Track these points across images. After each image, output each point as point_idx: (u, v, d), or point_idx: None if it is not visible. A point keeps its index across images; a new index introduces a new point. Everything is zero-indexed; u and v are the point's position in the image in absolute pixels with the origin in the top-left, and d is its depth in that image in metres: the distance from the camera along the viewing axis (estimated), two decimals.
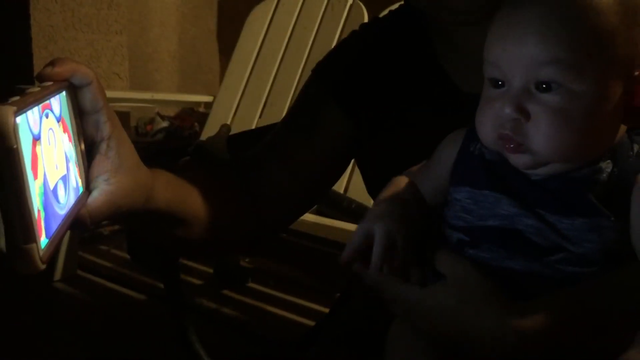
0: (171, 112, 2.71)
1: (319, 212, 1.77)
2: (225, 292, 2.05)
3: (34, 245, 0.43)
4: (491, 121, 0.59)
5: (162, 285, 2.08)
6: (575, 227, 0.57)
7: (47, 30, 2.21)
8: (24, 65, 2.20)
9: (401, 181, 0.70)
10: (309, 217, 1.70)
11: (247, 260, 2.16)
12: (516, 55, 0.57)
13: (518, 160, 0.59)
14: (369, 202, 1.83)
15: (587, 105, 0.56)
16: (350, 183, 1.86)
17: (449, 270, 0.61)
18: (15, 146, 0.41)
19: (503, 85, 0.59)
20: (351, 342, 0.82)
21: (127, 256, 2.32)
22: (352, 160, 0.90)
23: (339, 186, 1.84)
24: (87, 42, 2.31)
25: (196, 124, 2.61)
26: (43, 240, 0.45)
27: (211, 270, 2.10)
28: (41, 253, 0.44)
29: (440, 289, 0.61)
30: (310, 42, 2.17)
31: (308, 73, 0.88)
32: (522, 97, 0.57)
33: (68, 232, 1.70)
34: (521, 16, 0.57)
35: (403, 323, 0.65)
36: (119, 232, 2.46)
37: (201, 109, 2.58)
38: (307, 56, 2.16)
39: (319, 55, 0.88)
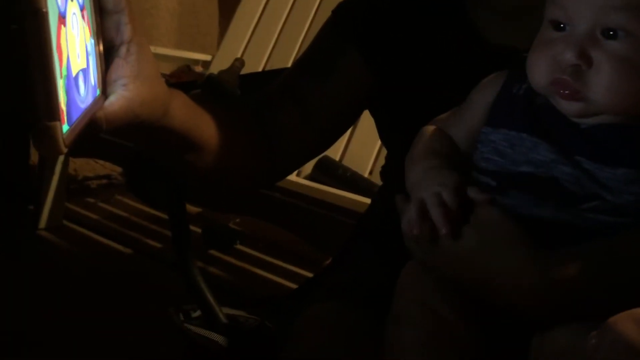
0: (167, 69, 2.66)
1: (313, 179, 1.75)
2: (213, 252, 2.03)
3: (57, 123, 0.40)
4: (547, 64, 0.57)
5: (148, 241, 2.09)
6: (616, 177, 0.55)
7: None
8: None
9: (433, 133, 0.67)
10: (302, 182, 1.69)
11: (236, 221, 2.15)
12: None
13: (570, 107, 0.57)
14: (365, 171, 1.83)
15: None
16: (346, 152, 1.84)
17: (476, 218, 0.59)
18: (45, 9, 0.38)
19: (564, 28, 0.56)
20: (349, 293, 0.80)
21: (114, 210, 2.30)
22: (350, 128, 0.87)
23: (335, 154, 1.82)
24: None
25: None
26: (64, 126, 0.42)
27: (199, 231, 2.07)
28: (64, 136, 0.41)
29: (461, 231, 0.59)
30: (315, 7, 2.13)
31: (309, 39, 0.85)
32: (586, 43, 0.55)
33: (57, 178, 1.65)
34: None
35: (415, 265, 0.63)
36: (106, 187, 2.44)
37: (198, 69, 2.54)
38: (310, 21, 2.12)
39: (326, 14, 0.85)
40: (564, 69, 0.56)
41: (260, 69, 2.14)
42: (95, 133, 0.51)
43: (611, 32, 0.54)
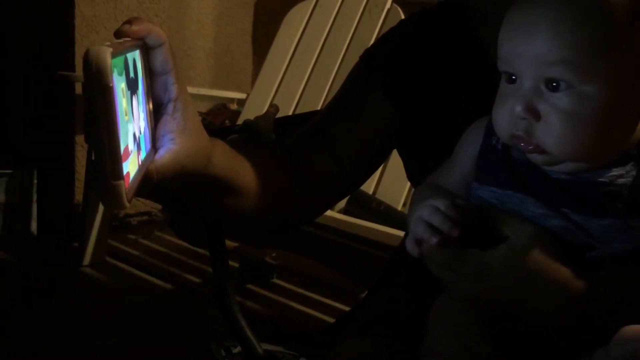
0: (203, 108, 2.74)
1: (347, 212, 1.78)
2: (250, 287, 2.07)
3: (121, 182, 0.45)
4: (504, 119, 0.59)
5: (187, 276, 2.13)
6: (604, 227, 0.57)
7: (90, 20, 2.26)
8: (66, 53, 2.25)
9: (428, 185, 0.70)
10: (337, 215, 1.72)
11: (273, 255, 2.17)
12: (525, 53, 0.57)
13: (537, 158, 0.59)
14: (398, 204, 1.85)
15: (599, 107, 0.55)
16: (380, 185, 1.87)
17: (514, 231, 0.60)
18: (111, 84, 0.43)
19: (516, 80, 0.58)
20: (384, 327, 0.83)
21: (155, 246, 2.36)
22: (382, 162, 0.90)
23: (368, 188, 1.85)
24: None
25: (227, 121, 2.63)
26: None
27: (236, 265, 2.11)
28: (126, 192, 0.46)
29: (507, 250, 0.59)
30: (346, 45, 2.19)
31: (343, 75, 0.89)
32: (533, 96, 0.57)
33: (100, 216, 1.71)
34: (530, 14, 0.57)
35: (447, 299, 0.66)
36: (146, 223, 2.50)
37: (233, 107, 2.61)
38: (342, 58, 2.17)
39: (355, 58, 0.90)
40: (518, 124, 0.57)
41: (293, 106, 2.19)
42: (148, 184, 0.55)
43: (554, 84, 0.56)
